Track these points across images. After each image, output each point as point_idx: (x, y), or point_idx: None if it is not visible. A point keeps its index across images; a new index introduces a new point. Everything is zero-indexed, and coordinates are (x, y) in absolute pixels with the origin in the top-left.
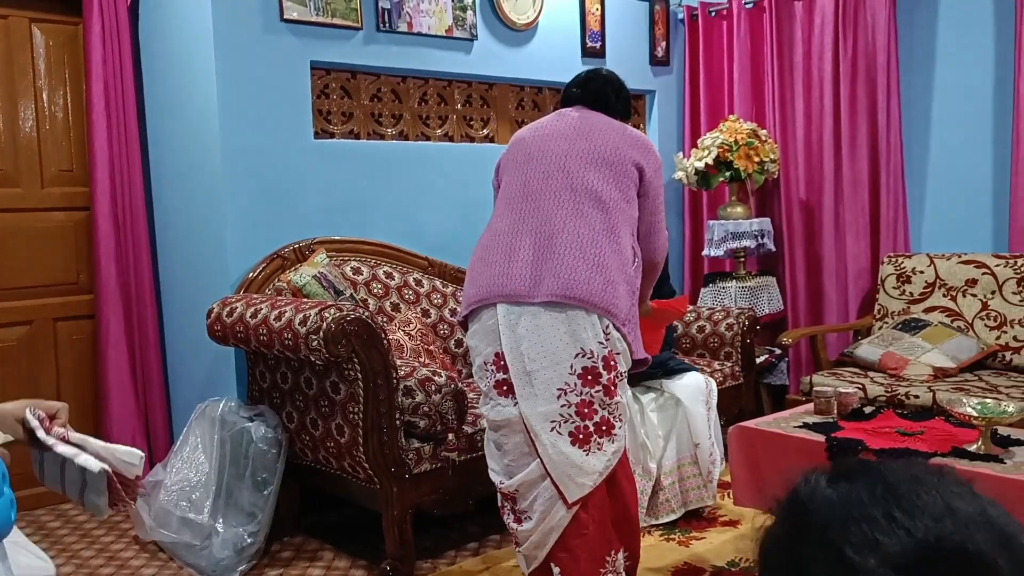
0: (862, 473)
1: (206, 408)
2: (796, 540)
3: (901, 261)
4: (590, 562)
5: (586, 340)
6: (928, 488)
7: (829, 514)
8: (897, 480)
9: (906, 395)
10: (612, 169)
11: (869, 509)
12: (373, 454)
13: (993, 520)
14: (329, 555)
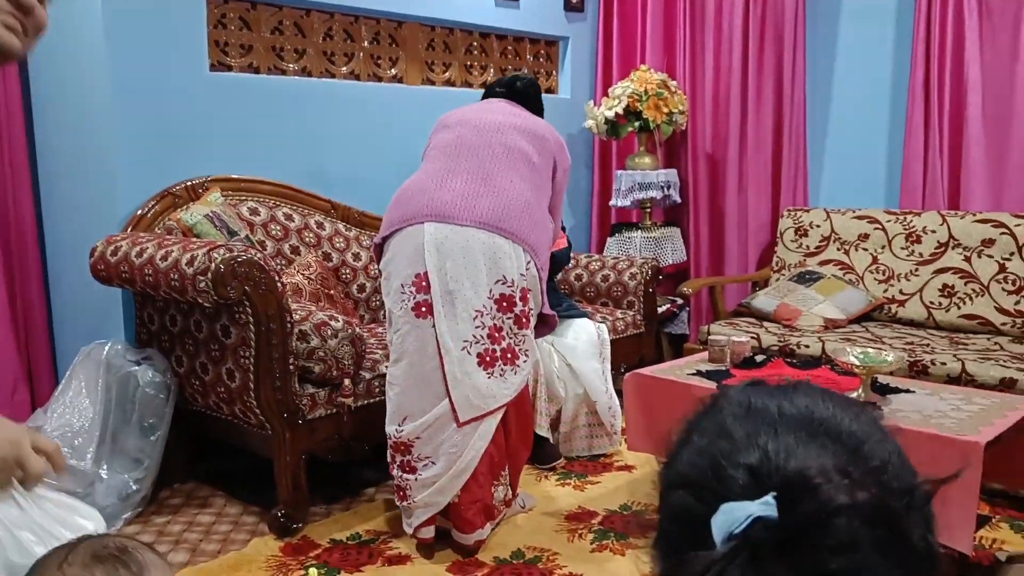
0: (780, 389)
1: (91, 351)
2: (699, 415)
3: (799, 215)
4: (489, 483)
5: (508, 268)
6: (819, 419)
7: (734, 401)
8: (803, 407)
9: (797, 345)
10: (539, 145)
11: (765, 412)
12: (265, 400)
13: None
14: (220, 502)
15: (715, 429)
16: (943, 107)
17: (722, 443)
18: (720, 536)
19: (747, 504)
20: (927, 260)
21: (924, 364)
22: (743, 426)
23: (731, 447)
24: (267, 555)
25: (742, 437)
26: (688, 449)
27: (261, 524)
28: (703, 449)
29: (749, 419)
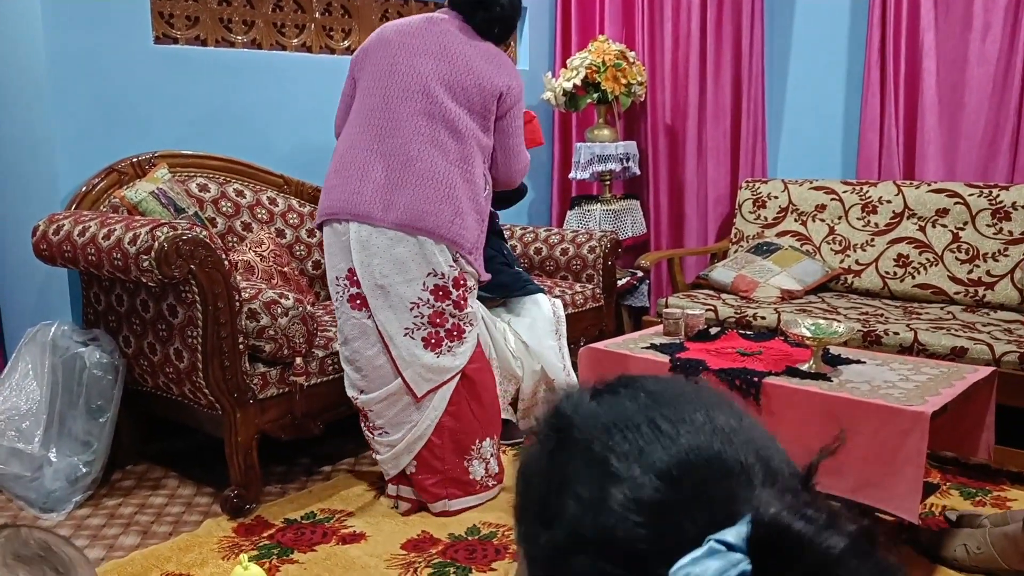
0: (624, 387)
1: (36, 332)
2: (559, 454)
3: (758, 186)
4: (455, 454)
5: (437, 263)
6: (688, 400)
7: (593, 425)
8: (659, 391)
9: (754, 316)
10: (471, 98)
11: (633, 419)
12: (214, 379)
13: (747, 429)
14: (173, 483)
15: (594, 469)
16: (899, 74)
17: (615, 488)
18: None
19: (721, 555)
20: (882, 230)
21: (877, 334)
22: (616, 453)
23: (625, 485)
24: (219, 536)
25: (632, 475)
26: (573, 501)
27: (214, 505)
28: (596, 500)
29: (629, 444)
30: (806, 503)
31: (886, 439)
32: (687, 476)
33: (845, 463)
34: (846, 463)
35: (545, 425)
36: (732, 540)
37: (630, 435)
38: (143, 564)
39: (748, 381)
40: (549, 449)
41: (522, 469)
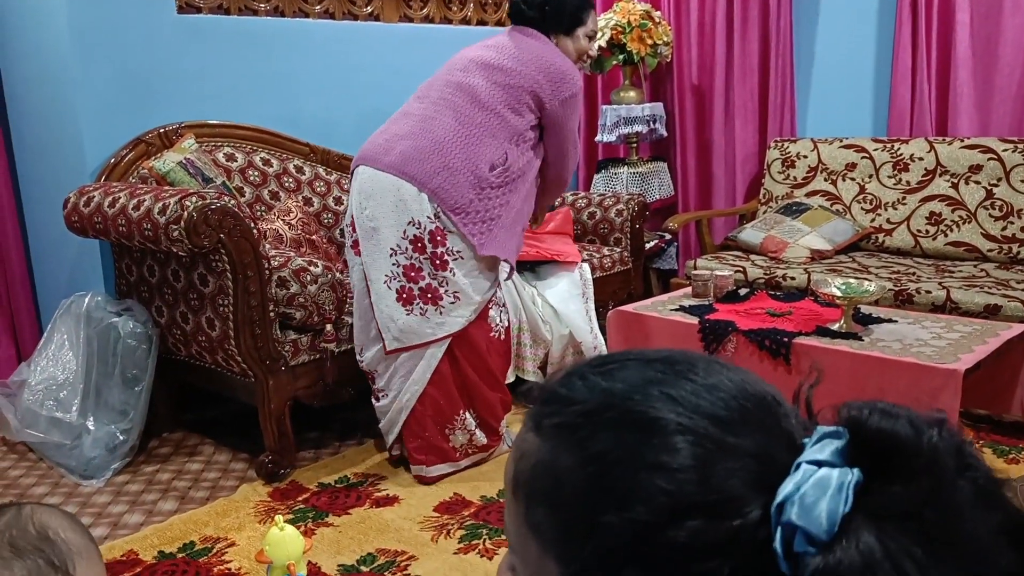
0: (622, 359)
1: (71, 304)
2: (593, 435)
3: (787, 146)
4: (436, 423)
5: (415, 212)
6: (689, 357)
7: (623, 395)
8: (658, 356)
9: (783, 277)
10: (506, 80)
11: (664, 377)
12: (246, 347)
13: (751, 375)
14: (209, 450)
15: (647, 434)
16: (931, 27)
17: (687, 444)
18: (821, 529)
19: (823, 474)
20: (914, 188)
21: (909, 293)
22: (677, 413)
23: (718, 435)
24: (255, 500)
25: (701, 425)
26: (649, 472)
27: (249, 470)
28: (669, 463)
29: (673, 400)
30: (873, 407)
31: (918, 397)
32: (751, 409)
33: None
34: None
35: (562, 417)
36: (820, 456)
37: (670, 389)
38: (182, 528)
39: (778, 341)
40: (580, 437)
41: (535, 473)
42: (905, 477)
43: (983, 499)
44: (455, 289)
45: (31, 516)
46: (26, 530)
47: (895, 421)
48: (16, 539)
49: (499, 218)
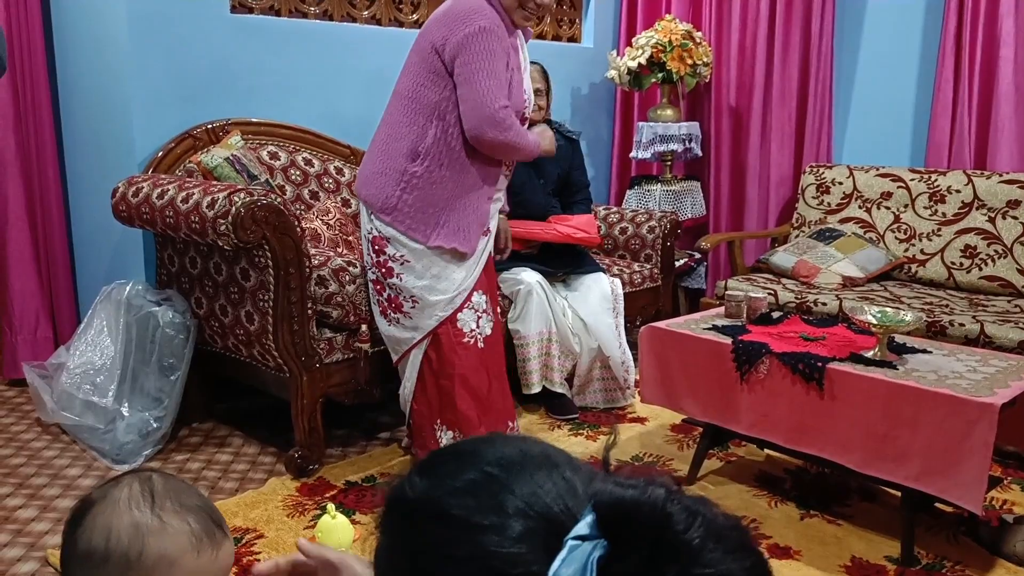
0: (444, 459)
1: (112, 291)
2: (413, 533)
3: (822, 171)
4: (427, 429)
5: (365, 227)
6: (499, 450)
7: (435, 497)
8: (476, 451)
9: (815, 302)
10: (415, 52)
11: (469, 478)
12: (283, 343)
13: (555, 454)
14: (239, 441)
15: (457, 530)
16: (974, 62)
17: (482, 539)
18: None
19: (578, 549)
20: (950, 220)
21: (942, 324)
22: (477, 511)
23: (494, 534)
24: (284, 494)
25: (494, 520)
26: (446, 563)
27: (278, 464)
28: (471, 558)
29: (471, 501)
30: (618, 479)
31: (952, 429)
32: (536, 506)
33: (908, 451)
34: (909, 451)
35: (388, 516)
36: (584, 531)
37: (480, 491)
38: None
39: (811, 366)
40: (400, 534)
41: (377, 564)
42: (638, 543)
43: (719, 551)
44: (411, 295)
45: (176, 479)
46: (186, 490)
47: (623, 489)
48: (182, 497)
49: (440, 204)
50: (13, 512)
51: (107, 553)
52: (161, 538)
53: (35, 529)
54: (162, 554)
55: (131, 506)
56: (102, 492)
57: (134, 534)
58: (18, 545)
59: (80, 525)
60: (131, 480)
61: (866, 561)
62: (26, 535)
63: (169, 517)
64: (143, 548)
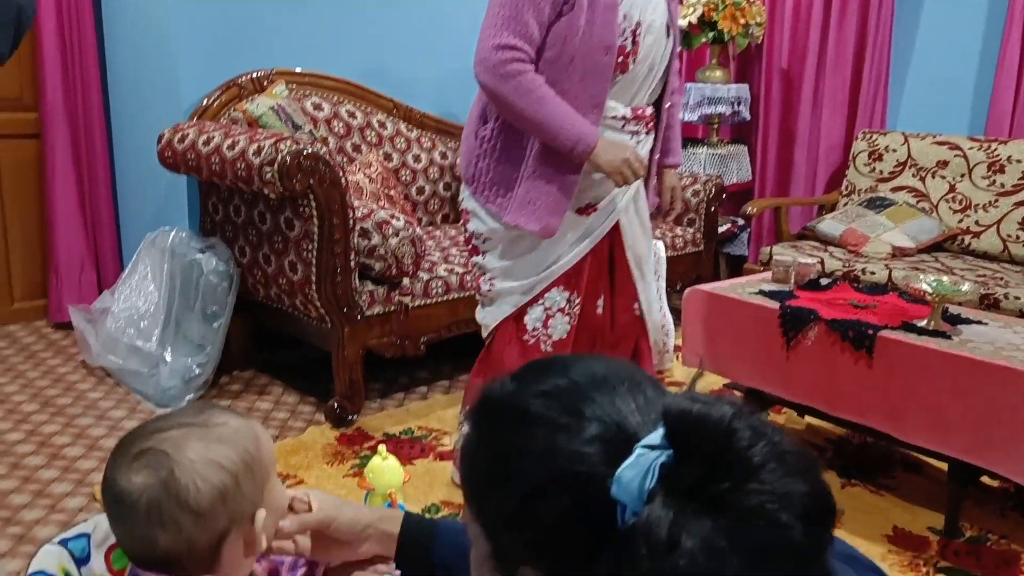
0: (537, 367)
1: (156, 238)
2: (496, 429)
3: (875, 138)
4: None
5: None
6: (595, 368)
7: (523, 398)
8: (572, 365)
9: (863, 271)
10: None
11: (559, 384)
12: (326, 294)
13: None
14: (278, 390)
15: (537, 428)
16: None
17: (556, 436)
18: (633, 501)
19: (644, 456)
20: (1009, 191)
21: (996, 297)
22: (556, 412)
23: (568, 434)
24: (323, 443)
25: (571, 421)
26: (522, 460)
27: (317, 414)
28: (545, 450)
29: (552, 403)
30: (692, 395)
31: (1006, 401)
32: (612, 415)
33: (959, 423)
34: (960, 423)
35: (475, 413)
36: (655, 441)
37: (559, 398)
38: None
39: (862, 334)
40: (485, 428)
41: (463, 455)
42: (701, 454)
43: (780, 472)
44: (489, 277)
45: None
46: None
47: (693, 403)
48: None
49: (513, 172)
50: (61, 450)
51: (232, 471)
52: (250, 433)
53: (83, 467)
54: (262, 442)
55: (212, 434)
56: (164, 441)
57: (242, 442)
58: (66, 481)
59: (174, 471)
60: (171, 420)
61: (909, 531)
62: (74, 471)
63: (231, 420)
64: (254, 449)
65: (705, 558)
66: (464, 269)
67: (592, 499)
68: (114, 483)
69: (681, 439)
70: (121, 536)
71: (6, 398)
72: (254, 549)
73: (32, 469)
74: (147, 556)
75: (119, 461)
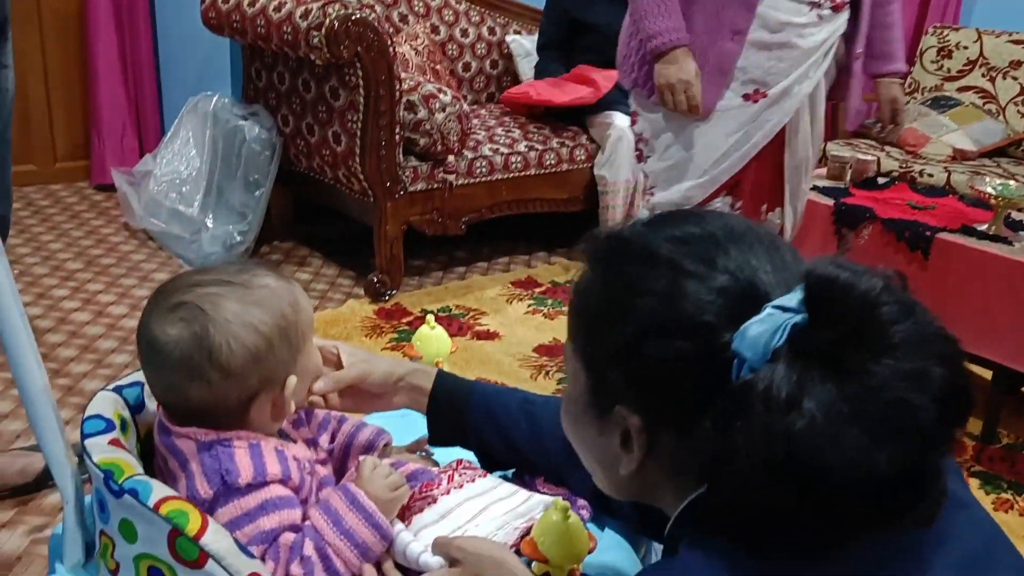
0: (672, 217)
1: (198, 103)
2: (618, 266)
3: (946, 34)
4: None
5: None
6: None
7: (654, 240)
8: (707, 217)
9: (920, 173)
10: None
11: (693, 234)
12: (369, 167)
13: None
14: (318, 263)
15: (663, 270)
16: None
17: (683, 281)
18: (755, 357)
19: (776, 315)
20: None
21: None
22: (686, 257)
23: (696, 281)
24: (361, 316)
25: (700, 269)
26: (643, 298)
27: (356, 288)
28: (668, 292)
29: (696, 251)
30: (839, 261)
31: None
32: (746, 271)
33: (1010, 329)
34: (1011, 330)
35: (598, 249)
36: (790, 304)
37: (695, 245)
38: None
39: (919, 234)
40: (607, 264)
41: (577, 288)
42: (839, 322)
43: (921, 352)
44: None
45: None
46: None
47: (840, 270)
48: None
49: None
50: (106, 307)
51: (268, 329)
52: (290, 297)
53: (127, 325)
54: (301, 307)
55: (249, 296)
56: (201, 302)
57: (281, 304)
58: (112, 338)
59: (209, 329)
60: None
61: None
62: (119, 329)
63: (272, 281)
64: (292, 314)
65: (824, 422)
66: (509, 150)
67: (708, 349)
68: (149, 330)
69: (820, 304)
70: (153, 382)
71: (51, 255)
72: (283, 413)
73: (78, 325)
74: (177, 405)
75: (156, 309)
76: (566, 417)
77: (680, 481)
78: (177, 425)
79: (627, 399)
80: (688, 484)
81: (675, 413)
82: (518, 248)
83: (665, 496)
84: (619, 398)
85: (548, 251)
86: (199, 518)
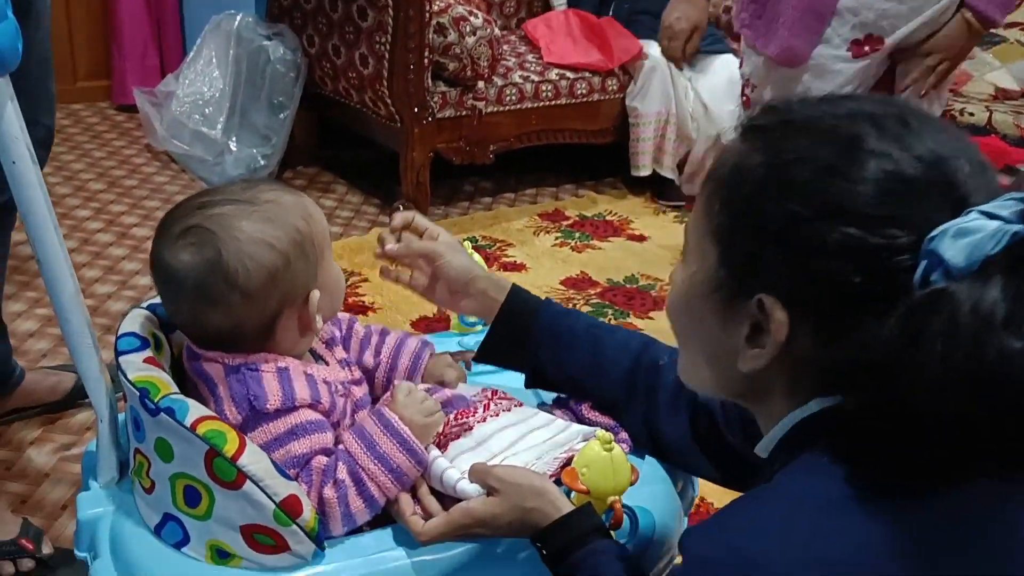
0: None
1: (221, 21)
2: (783, 139)
3: None
4: None
5: None
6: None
7: (829, 115)
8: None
9: (961, 112)
10: None
11: (878, 112)
12: (397, 90)
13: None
14: (342, 189)
15: (840, 147)
16: None
17: (867, 159)
18: (957, 263)
19: (983, 222)
20: None
21: None
22: (873, 137)
23: (885, 161)
24: None
25: (891, 150)
26: (815, 174)
27: (382, 216)
28: (845, 171)
29: (880, 130)
30: None
31: None
32: (942, 163)
33: None
34: None
35: (756, 122)
36: (1001, 212)
37: (881, 123)
38: None
39: None
40: (770, 134)
41: (723, 162)
42: None
43: None
44: None
45: None
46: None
47: None
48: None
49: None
50: (129, 229)
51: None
52: (301, 210)
53: (150, 246)
54: (314, 219)
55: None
56: (221, 224)
57: (296, 219)
58: (136, 260)
59: (221, 252)
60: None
61: None
62: (143, 251)
63: (281, 195)
64: (305, 227)
65: None
66: (540, 78)
67: (888, 244)
68: (161, 259)
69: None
70: (173, 313)
71: (74, 175)
72: (310, 328)
73: (102, 246)
74: (200, 332)
75: (165, 237)
76: (676, 305)
77: (796, 388)
78: (203, 349)
79: (776, 287)
80: (802, 392)
81: (830, 310)
82: (546, 180)
83: (771, 403)
84: (766, 286)
85: (576, 184)
86: (236, 439)
